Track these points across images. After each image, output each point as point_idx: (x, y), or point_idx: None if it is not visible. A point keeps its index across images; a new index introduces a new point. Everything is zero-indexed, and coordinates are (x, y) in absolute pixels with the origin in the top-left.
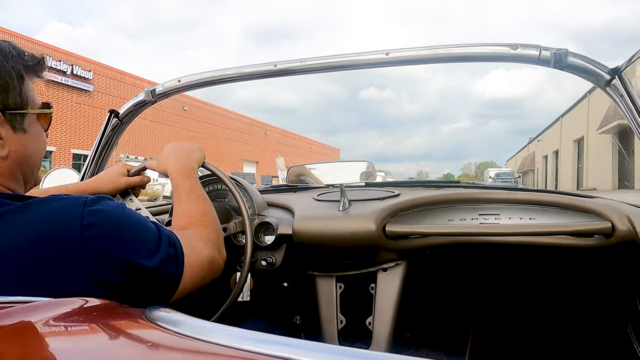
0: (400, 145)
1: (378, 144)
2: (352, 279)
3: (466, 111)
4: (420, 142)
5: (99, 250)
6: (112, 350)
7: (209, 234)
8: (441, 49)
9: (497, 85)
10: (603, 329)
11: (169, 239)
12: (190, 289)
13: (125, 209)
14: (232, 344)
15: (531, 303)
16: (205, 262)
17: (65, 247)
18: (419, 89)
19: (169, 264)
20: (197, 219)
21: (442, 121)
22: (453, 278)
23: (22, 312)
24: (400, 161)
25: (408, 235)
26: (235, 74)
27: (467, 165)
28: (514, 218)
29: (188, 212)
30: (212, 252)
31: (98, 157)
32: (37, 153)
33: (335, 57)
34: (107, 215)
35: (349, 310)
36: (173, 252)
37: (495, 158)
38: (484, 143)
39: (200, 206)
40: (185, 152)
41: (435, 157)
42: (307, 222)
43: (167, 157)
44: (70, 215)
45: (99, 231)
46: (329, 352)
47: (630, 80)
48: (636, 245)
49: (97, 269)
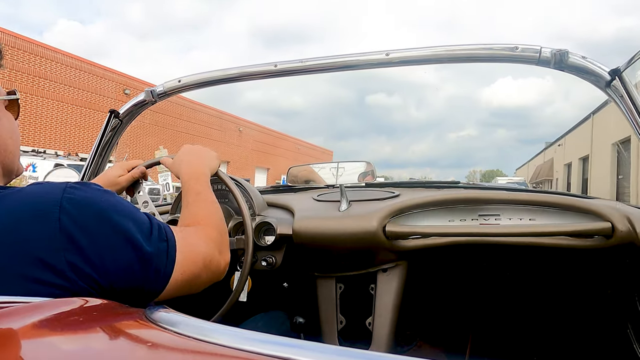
0: (407, 152)
1: (384, 150)
2: (352, 280)
3: (473, 119)
4: (427, 148)
5: (78, 243)
6: (112, 350)
7: (211, 232)
8: (442, 50)
9: (504, 93)
10: (603, 330)
11: (159, 230)
12: (183, 287)
13: (111, 196)
14: (232, 344)
15: (531, 303)
16: (200, 259)
17: (42, 236)
18: (426, 95)
19: (157, 258)
20: (200, 219)
21: (448, 129)
22: (453, 279)
23: (22, 312)
24: (405, 167)
25: (408, 235)
26: (235, 74)
27: (473, 173)
28: (514, 219)
29: (194, 213)
30: (210, 250)
31: (98, 157)
32: (11, 142)
33: (335, 58)
34: (89, 202)
35: (349, 310)
36: (164, 246)
37: (502, 167)
38: (490, 151)
39: (207, 208)
40: (200, 157)
41: (440, 165)
42: (307, 222)
43: (181, 159)
44: (49, 202)
45: (78, 220)
46: (329, 353)
47: (631, 81)
48: (636, 246)
49: (76, 262)
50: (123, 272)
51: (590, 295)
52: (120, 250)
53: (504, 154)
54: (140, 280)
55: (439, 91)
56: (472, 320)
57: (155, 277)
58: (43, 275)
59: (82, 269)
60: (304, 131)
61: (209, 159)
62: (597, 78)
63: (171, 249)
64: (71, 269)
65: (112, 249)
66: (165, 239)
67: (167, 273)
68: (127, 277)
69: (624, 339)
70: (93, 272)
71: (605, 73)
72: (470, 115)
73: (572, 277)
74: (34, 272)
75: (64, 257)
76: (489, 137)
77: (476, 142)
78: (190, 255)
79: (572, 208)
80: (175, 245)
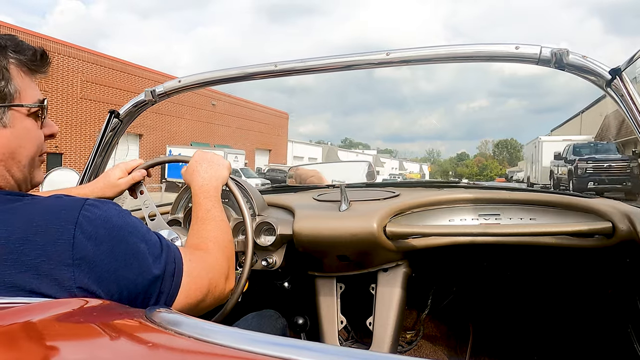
0: (415, 125)
1: (393, 124)
2: (353, 279)
3: (484, 89)
4: (436, 121)
5: (90, 260)
6: (112, 351)
7: (219, 257)
8: (442, 49)
9: None
10: (604, 329)
11: (168, 253)
12: (185, 309)
13: (127, 217)
14: (232, 344)
15: (531, 303)
16: (205, 285)
17: (54, 250)
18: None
19: (163, 282)
20: (209, 241)
21: (458, 100)
22: (453, 278)
23: (22, 312)
24: (415, 140)
25: (408, 235)
26: (235, 74)
27: (484, 144)
28: (514, 218)
29: (202, 232)
30: (216, 277)
31: (98, 158)
32: (22, 151)
33: (335, 58)
34: (104, 220)
35: (349, 310)
36: (171, 270)
37: (514, 136)
38: (501, 122)
39: (217, 228)
40: (211, 167)
41: (450, 137)
42: (308, 222)
43: (193, 169)
44: (66, 217)
45: (93, 237)
46: (329, 352)
47: (631, 80)
48: (637, 245)
49: (84, 279)
50: (127, 292)
51: (590, 295)
52: (129, 270)
53: (514, 124)
54: (143, 302)
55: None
56: (472, 320)
57: (158, 300)
58: (44, 288)
59: (88, 286)
60: (312, 107)
61: (221, 170)
62: (597, 77)
63: (177, 273)
64: (77, 285)
65: (121, 268)
66: (174, 262)
67: (171, 296)
68: (131, 297)
69: (625, 338)
70: (99, 288)
71: (606, 72)
72: (481, 86)
73: (573, 276)
74: (33, 283)
75: (73, 272)
76: (500, 108)
77: (487, 113)
78: (196, 280)
79: (573, 207)
80: (182, 270)
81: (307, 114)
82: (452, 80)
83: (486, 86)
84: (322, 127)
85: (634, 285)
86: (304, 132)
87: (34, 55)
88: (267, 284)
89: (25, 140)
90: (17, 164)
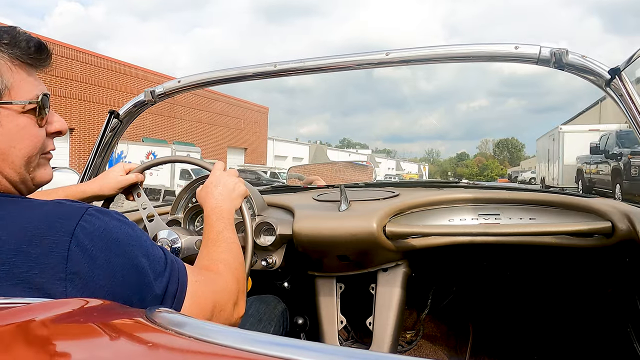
0: (415, 125)
1: (393, 125)
2: (353, 279)
3: (484, 89)
4: (436, 121)
5: (84, 275)
6: (112, 351)
7: (228, 280)
8: (441, 49)
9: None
10: (603, 329)
11: (172, 270)
12: None
13: (128, 228)
14: (233, 345)
15: (531, 303)
16: (209, 308)
17: (47, 262)
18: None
19: (164, 301)
20: (219, 262)
21: (458, 100)
22: (453, 278)
23: (22, 312)
24: (414, 141)
25: (408, 235)
26: (235, 74)
27: (485, 143)
28: (514, 218)
29: (212, 254)
30: (223, 301)
31: (98, 158)
32: (14, 151)
33: (335, 58)
34: (103, 232)
35: (349, 310)
36: (173, 289)
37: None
38: (500, 122)
39: (228, 250)
40: (227, 193)
41: (450, 137)
42: (307, 222)
43: (207, 191)
44: (62, 229)
45: (89, 251)
46: (329, 352)
47: (630, 80)
48: (636, 244)
49: (77, 294)
50: None
51: (590, 294)
52: (126, 287)
53: (514, 124)
54: None
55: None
56: (472, 319)
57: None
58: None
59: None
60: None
61: (236, 194)
62: (596, 77)
63: (180, 293)
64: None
65: (117, 285)
66: (177, 281)
67: None
68: None
69: (625, 337)
70: None
71: (605, 72)
72: (480, 85)
73: (573, 276)
74: (24, 295)
75: (65, 287)
76: (500, 108)
77: (487, 112)
78: (200, 301)
79: (572, 207)
80: (186, 289)
81: (307, 115)
82: (452, 80)
83: (486, 86)
84: (322, 128)
85: (633, 285)
86: (303, 132)
87: (27, 47)
88: (267, 284)
89: (17, 140)
90: (10, 164)
